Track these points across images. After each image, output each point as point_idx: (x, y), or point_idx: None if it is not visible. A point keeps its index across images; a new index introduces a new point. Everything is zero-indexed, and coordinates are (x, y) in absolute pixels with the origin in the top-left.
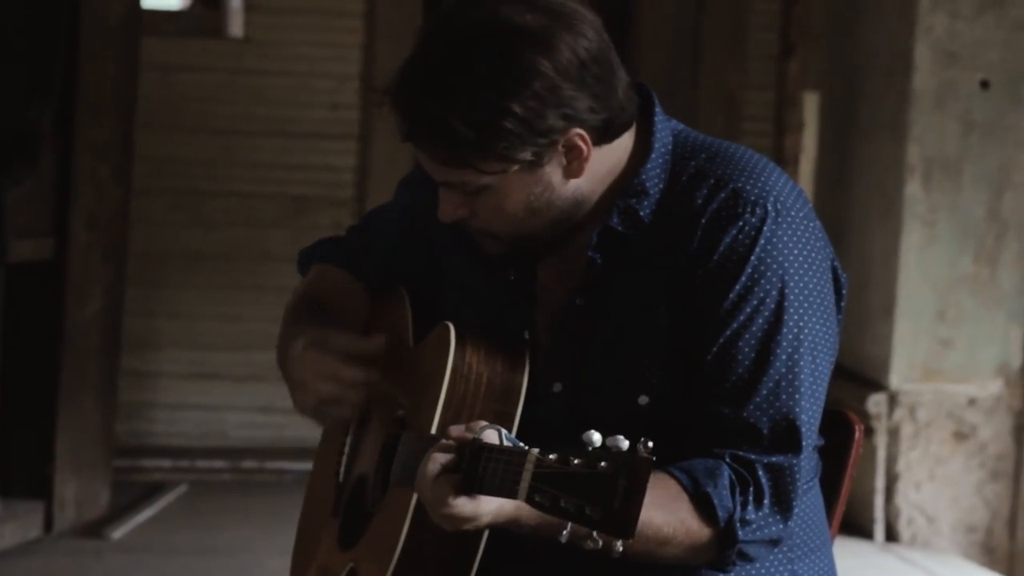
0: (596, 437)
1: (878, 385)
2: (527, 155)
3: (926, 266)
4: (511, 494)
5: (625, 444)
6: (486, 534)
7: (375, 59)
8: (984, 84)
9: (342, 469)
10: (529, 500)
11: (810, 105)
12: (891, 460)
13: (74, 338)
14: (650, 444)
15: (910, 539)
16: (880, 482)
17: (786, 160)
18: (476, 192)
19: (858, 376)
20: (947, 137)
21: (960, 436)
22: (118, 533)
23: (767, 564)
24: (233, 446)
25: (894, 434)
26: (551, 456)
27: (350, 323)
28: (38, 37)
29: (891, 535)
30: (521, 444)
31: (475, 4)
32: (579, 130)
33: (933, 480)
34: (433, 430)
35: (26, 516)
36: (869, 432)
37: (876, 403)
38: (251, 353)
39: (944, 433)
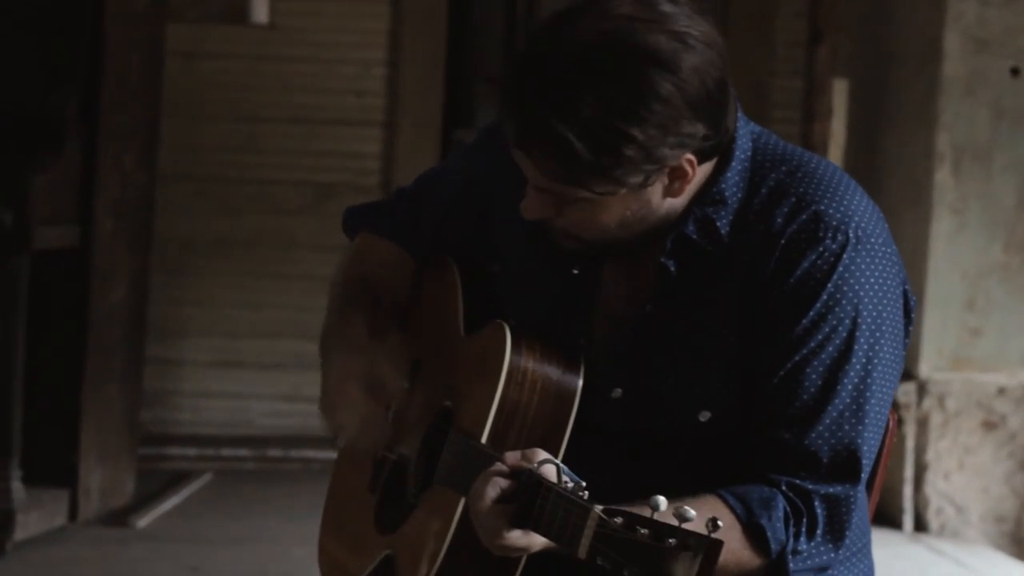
0: (663, 502)
1: (907, 374)
2: (638, 179)
3: (956, 255)
4: (571, 548)
5: (692, 514)
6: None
7: (401, 45)
8: (1015, 71)
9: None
10: (590, 558)
11: (839, 92)
12: (920, 450)
13: (99, 326)
14: (720, 523)
15: (939, 529)
16: (909, 472)
17: (814, 148)
18: (573, 202)
19: None
20: (977, 125)
21: (989, 425)
22: (143, 522)
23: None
24: (258, 434)
25: (923, 423)
26: (616, 519)
27: (397, 309)
28: (62, 23)
29: (920, 525)
30: (580, 482)
31: (604, 13)
32: (690, 156)
33: (962, 470)
34: (484, 437)
35: (51, 504)
36: (898, 422)
37: (905, 392)
38: (276, 341)
39: (973, 422)
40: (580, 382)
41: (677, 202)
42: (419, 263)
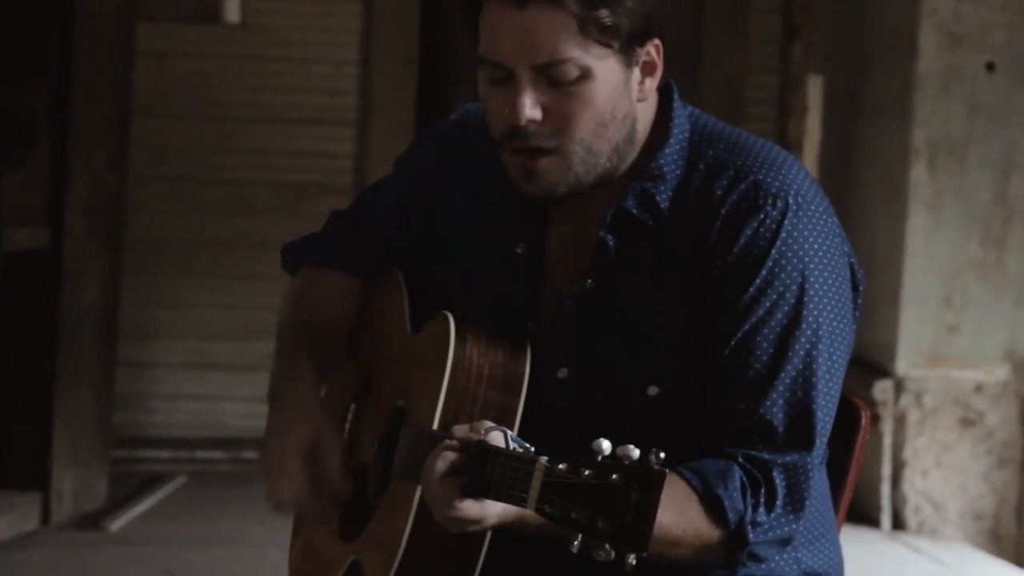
0: (606, 445)
1: (884, 371)
2: (627, 42)
3: (932, 251)
4: (519, 502)
5: (636, 453)
6: (490, 533)
7: (373, 44)
8: (990, 66)
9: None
10: (539, 510)
11: (814, 89)
12: (897, 447)
13: (71, 328)
14: (662, 455)
15: (917, 527)
16: (886, 469)
17: (790, 145)
18: (572, 82)
19: (864, 362)
20: (953, 120)
21: (967, 422)
22: (116, 525)
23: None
24: (232, 436)
25: (900, 421)
26: (560, 466)
27: (342, 343)
28: (32, 23)
29: (898, 523)
30: (528, 446)
31: None
32: (659, 42)
33: (940, 467)
34: (435, 424)
35: (23, 508)
36: (875, 419)
37: (882, 390)
38: (250, 342)
39: (951, 420)
40: (527, 366)
41: (639, 126)
42: (364, 280)
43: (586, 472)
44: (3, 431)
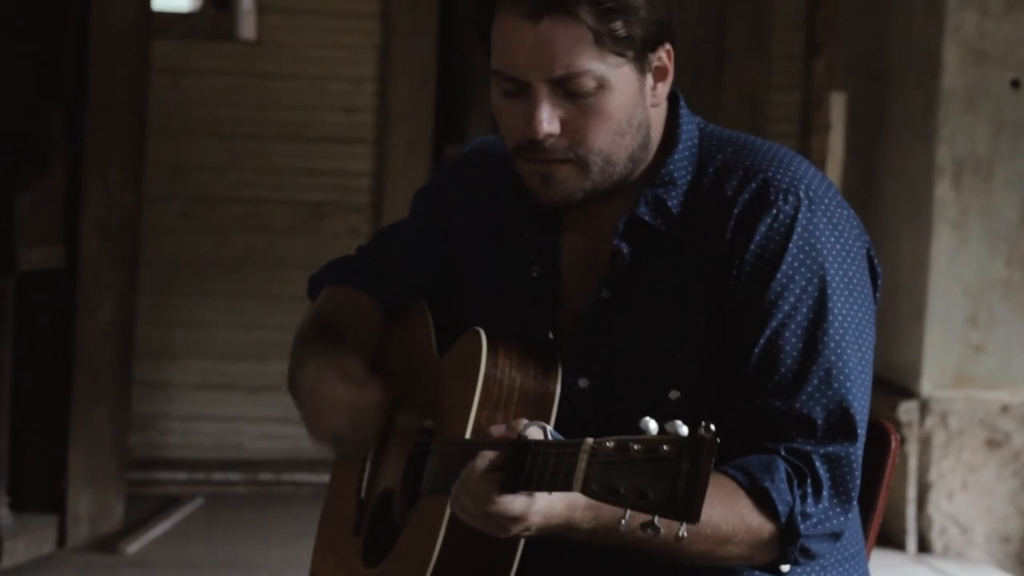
0: (653, 425)
1: (909, 392)
2: (641, 50)
3: (957, 270)
4: (565, 486)
5: (684, 429)
6: (522, 545)
7: (391, 61)
8: (1015, 83)
9: (363, 485)
10: (585, 490)
11: (837, 106)
12: (923, 469)
13: (86, 348)
14: (712, 427)
15: (943, 550)
16: (912, 492)
17: (812, 161)
18: (588, 93)
19: (888, 383)
20: (977, 138)
21: (993, 444)
22: (133, 548)
23: (798, 573)
24: (249, 458)
25: (926, 443)
26: (608, 444)
27: (362, 344)
28: (47, 41)
29: (923, 546)
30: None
31: None
32: (670, 47)
33: (966, 489)
34: (467, 436)
35: (39, 530)
36: (901, 441)
37: (907, 411)
38: (267, 363)
39: (977, 441)
40: (559, 383)
41: (653, 132)
42: (386, 309)
43: (635, 447)
44: (19, 452)
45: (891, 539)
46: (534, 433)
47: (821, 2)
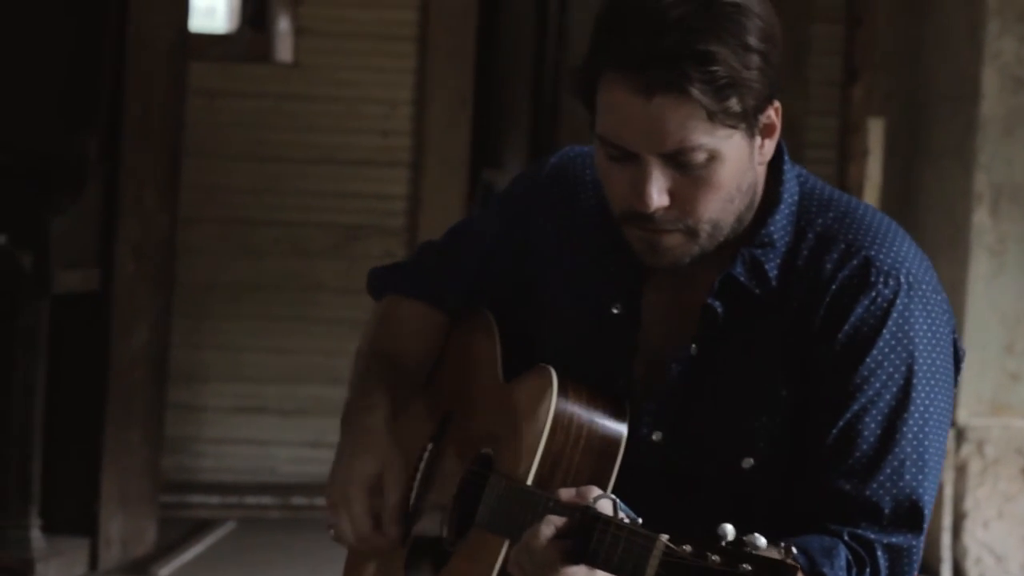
0: (730, 530)
1: None
2: (752, 118)
3: (994, 297)
4: None
5: (763, 542)
6: None
7: (427, 84)
8: None
9: (413, 494)
10: None
11: (875, 132)
12: (958, 498)
13: (120, 371)
14: (794, 549)
15: None
16: (947, 520)
17: (850, 189)
18: (700, 166)
19: None
20: (1016, 164)
21: None
22: (165, 571)
23: None
24: (282, 482)
25: (961, 471)
26: (685, 547)
27: (421, 372)
28: (83, 62)
29: (959, 575)
30: (637, 518)
31: None
32: (778, 104)
33: (1002, 518)
34: (529, 480)
35: (71, 553)
36: None
37: None
38: (300, 386)
39: (1013, 469)
40: (625, 430)
41: (756, 190)
42: (450, 316)
43: (713, 557)
44: (52, 474)
45: (927, 568)
46: (604, 506)
47: (859, 28)
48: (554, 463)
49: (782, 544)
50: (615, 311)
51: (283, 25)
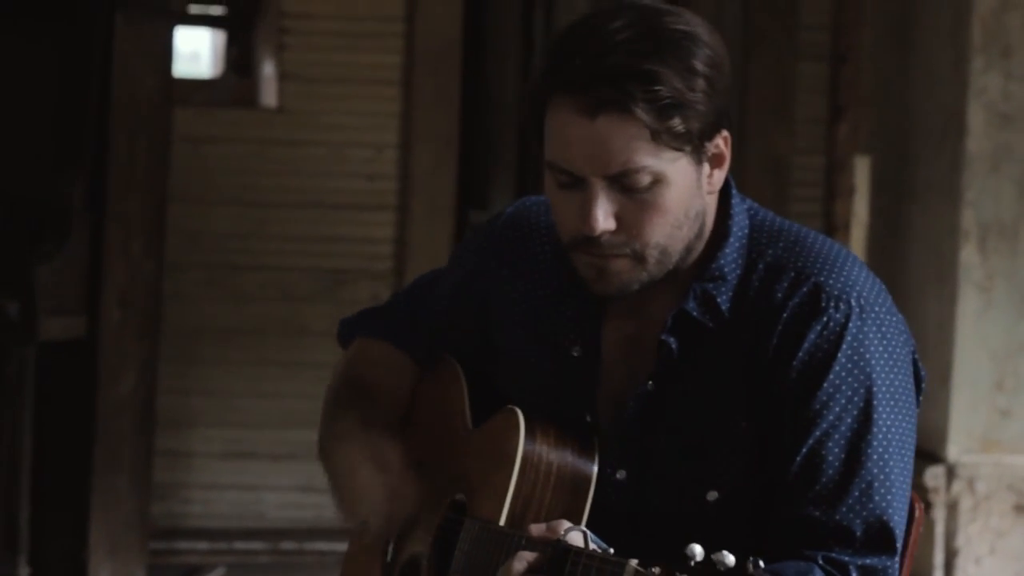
0: (699, 551)
1: (935, 457)
2: (699, 141)
3: (983, 333)
4: None
5: (731, 560)
6: None
7: (413, 127)
8: None
9: (391, 548)
10: None
11: (861, 169)
12: (950, 535)
13: (107, 417)
14: (761, 564)
15: None
16: (939, 557)
17: (837, 226)
18: (645, 189)
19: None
20: (1003, 201)
21: (1021, 509)
22: None
23: None
24: (271, 527)
25: (952, 508)
26: (654, 569)
27: (394, 408)
28: (68, 109)
29: None
30: (607, 548)
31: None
32: (727, 133)
33: (994, 555)
34: (502, 521)
35: None
36: (927, 506)
37: (934, 476)
38: (289, 431)
39: (1005, 506)
40: (595, 467)
41: (704, 220)
42: (418, 364)
43: None
44: (40, 522)
45: None
46: (575, 538)
47: (844, 66)
48: (525, 503)
49: (750, 560)
50: (575, 354)
51: (268, 70)
